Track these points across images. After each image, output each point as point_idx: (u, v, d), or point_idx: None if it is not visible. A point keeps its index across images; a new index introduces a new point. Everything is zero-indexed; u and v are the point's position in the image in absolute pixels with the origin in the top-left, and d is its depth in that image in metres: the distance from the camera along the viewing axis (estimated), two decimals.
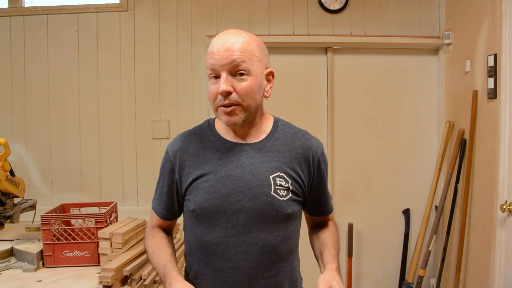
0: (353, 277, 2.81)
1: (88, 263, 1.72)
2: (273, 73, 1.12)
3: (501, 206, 2.03)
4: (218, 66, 1.01)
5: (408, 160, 2.84)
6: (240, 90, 1.02)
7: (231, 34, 1.04)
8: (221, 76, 1.01)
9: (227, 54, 1.00)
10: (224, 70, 1.01)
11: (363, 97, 2.81)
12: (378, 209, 2.84)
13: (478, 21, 2.30)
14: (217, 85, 1.02)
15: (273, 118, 1.18)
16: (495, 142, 2.16)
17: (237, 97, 1.02)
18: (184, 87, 2.70)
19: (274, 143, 1.12)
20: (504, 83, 2.09)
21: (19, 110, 2.71)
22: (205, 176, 1.08)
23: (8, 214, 1.94)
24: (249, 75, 1.02)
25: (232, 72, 1.01)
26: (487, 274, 2.21)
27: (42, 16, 2.68)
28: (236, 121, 1.04)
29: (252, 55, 1.03)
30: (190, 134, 1.17)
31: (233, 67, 1.01)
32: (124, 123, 2.71)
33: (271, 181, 1.07)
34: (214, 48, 1.02)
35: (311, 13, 2.72)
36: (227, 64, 1.00)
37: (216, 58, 1.01)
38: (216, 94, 1.03)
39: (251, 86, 1.03)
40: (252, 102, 1.05)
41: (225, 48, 1.01)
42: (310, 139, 1.15)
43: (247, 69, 1.02)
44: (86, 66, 2.70)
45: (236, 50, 1.01)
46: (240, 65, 1.01)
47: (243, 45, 1.02)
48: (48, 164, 2.72)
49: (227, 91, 1.00)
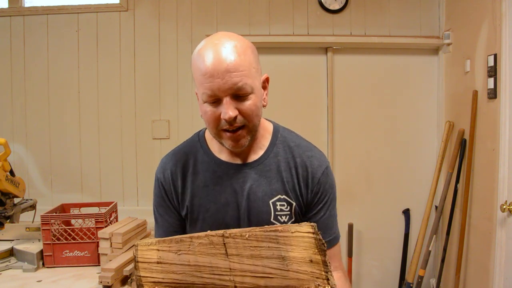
0: (353, 277, 2.81)
1: (88, 263, 1.72)
2: (269, 78, 1.02)
3: (501, 206, 2.02)
4: (218, 91, 0.88)
5: (408, 160, 2.84)
6: (245, 111, 0.91)
7: (223, 47, 0.89)
8: (223, 101, 0.89)
9: (227, 77, 0.87)
10: (226, 96, 0.89)
11: (363, 97, 2.81)
12: (378, 209, 2.84)
13: (478, 21, 2.30)
14: (218, 109, 0.90)
15: (272, 127, 1.08)
16: (495, 142, 2.16)
17: (243, 119, 0.91)
18: (184, 87, 2.70)
19: (273, 160, 1.02)
20: (504, 83, 2.09)
21: (19, 110, 2.71)
22: (204, 206, 1.01)
23: (8, 214, 1.94)
24: (252, 93, 0.91)
25: (234, 94, 0.89)
26: (487, 274, 2.21)
27: (42, 16, 2.68)
28: (243, 145, 0.95)
29: (251, 67, 0.91)
30: (180, 155, 1.06)
31: (235, 90, 0.89)
32: (124, 123, 2.71)
33: (271, 207, 0.99)
34: (210, 68, 0.87)
35: (311, 13, 2.72)
36: (229, 89, 0.88)
37: (215, 81, 0.87)
38: (219, 119, 0.91)
39: (255, 104, 0.92)
40: (257, 120, 0.96)
41: (223, 69, 0.87)
42: (310, 157, 1.03)
43: (249, 88, 0.90)
44: (86, 66, 2.70)
45: (237, 70, 0.87)
46: (243, 88, 0.89)
47: (241, 60, 0.89)
48: (48, 164, 2.72)
49: (234, 116, 0.89)
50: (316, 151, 1.05)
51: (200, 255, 0.67)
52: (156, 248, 0.69)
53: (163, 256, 0.68)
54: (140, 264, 0.68)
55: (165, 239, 0.69)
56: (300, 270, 0.65)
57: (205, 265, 0.67)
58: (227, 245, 0.67)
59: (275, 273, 0.65)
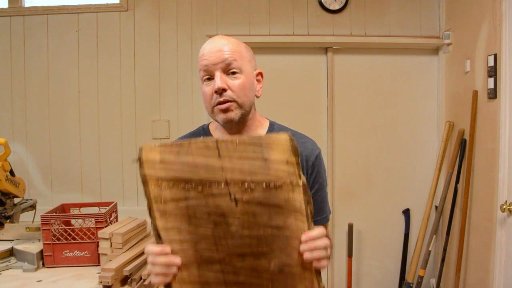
0: (353, 277, 2.81)
1: (88, 263, 1.72)
2: (262, 73, 1.15)
3: (501, 206, 2.03)
4: (211, 66, 1.03)
5: (408, 160, 2.84)
6: (234, 87, 1.04)
7: (220, 38, 1.08)
8: (215, 75, 1.03)
9: (219, 54, 1.03)
10: (217, 70, 1.03)
11: (363, 97, 2.81)
12: (378, 209, 2.84)
13: (478, 21, 2.30)
14: (211, 86, 1.04)
15: (268, 122, 1.18)
16: (495, 142, 2.16)
17: (232, 93, 1.03)
18: (184, 87, 2.70)
19: None
20: (504, 83, 2.09)
21: (19, 110, 2.71)
22: None
23: (8, 214, 1.94)
24: (241, 73, 1.05)
25: (225, 71, 1.04)
26: (487, 274, 2.21)
27: (42, 16, 2.68)
28: (232, 117, 1.04)
29: (242, 55, 1.07)
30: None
31: (225, 65, 1.03)
32: (124, 123, 2.71)
33: None
34: (206, 51, 1.05)
35: (311, 13, 2.72)
36: (220, 63, 1.03)
37: (209, 59, 1.03)
38: (211, 94, 1.04)
39: (244, 84, 1.05)
40: (247, 99, 1.06)
41: (217, 49, 1.04)
42: (305, 142, 1.13)
43: (239, 67, 1.05)
44: (86, 66, 2.70)
45: (227, 50, 1.04)
46: (232, 63, 1.04)
47: (233, 46, 1.06)
48: (48, 164, 2.72)
49: (222, 87, 1.02)
50: (309, 139, 1.16)
51: (197, 156, 0.79)
52: (159, 150, 0.80)
53: (165, 157, 0.79)
54: (145, 163, 0.80)
55: (166, 144, 0.81)
56: (278, 169, 0.79)
57: (201, 164, 0.78)
58: (220, 148, 0.79)
59: (259, 170, 0.78)
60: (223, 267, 0.77)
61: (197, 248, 0.77)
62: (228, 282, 0.77)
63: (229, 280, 0.77)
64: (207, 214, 0.77)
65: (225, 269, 0.77)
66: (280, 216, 0.78)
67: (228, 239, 0.77)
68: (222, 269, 0.77)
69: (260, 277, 0.78)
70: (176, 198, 0.77)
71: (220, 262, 0.77)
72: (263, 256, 0.78)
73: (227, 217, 0.77)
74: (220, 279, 0.77)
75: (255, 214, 0.78)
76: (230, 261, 0.77)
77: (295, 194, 0.79)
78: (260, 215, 0.78)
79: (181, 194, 0.77)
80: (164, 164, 0.79)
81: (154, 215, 0.76)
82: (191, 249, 0.77)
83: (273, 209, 0.78)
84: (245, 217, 0.77)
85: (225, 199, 0.78)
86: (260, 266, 0.78)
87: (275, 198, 0.78)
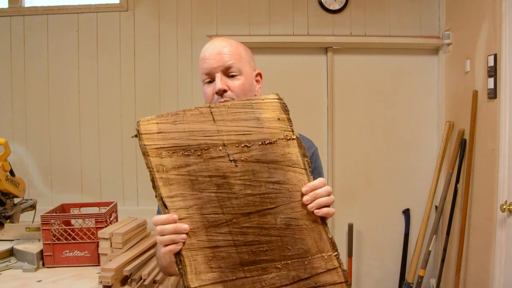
0: (353, 277, 2.81)
1: (88, 263, 1.72)
2: (261, 74, 1.20)
3: (501, 206, 2.03)
4: (212, 68, 1.07)
5: (408, 160, 2.84)
6: (234, 88, 1.08)
7: (219, 40, 1.12)
8: (216, 77, 1.07)
9: (219, 57, 1.07)
10: (218, 72, 1.07)
11: (363, 97, 2.81)
12: (378, 209, 2.84)
13: (478, 21, 2.30)
14: (212, 87, 1.08)
15: None
16: (495, 142, 2.16)
17: (232, 94, 1.07)
18: (184, 87, 2.70)
19: None
20: (504, 83, 2.09)
21: (19, 110, 2.71)
22: None
23: (8, 214, 1.94)
24: (241, 75, 1.09)
25: (226, 73, 1.08)
26: (487, 274, 2.21)
27: (42, 16, 2.68)
28: None
29: (241, 57, 1.11)
30: None
31: (226, 68, 1.07)
32: (124, 123, 2.71)
33: None
34: (206, 54, 1.09)
35: (311, 13, 2.72)
36: (221, 65, 1.07)
37: (209, 61, 1.08)
38: (212, 95, 1.08)
39: (244, 84, 1.09)
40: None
41: (217, 52, 1.08)
42: (303, 140, 1.17)
43: (238, 69, 1.09)
44: (86, 66, 2.70)
45: (227, 53, 1.08)
46: (232, 66, 1.08)
47: (232, 48, 1.10)
48: (48, 164, 2.72)
49: (223, 89, 1.06)
50: (306, 137, 1.22)
51: (192, 123, 0.83)
52: (156, 121, 0.83)
53: (162, 127, 0.82)
54: (144, 135, 0.83)
55: (162, 114, 0.84)
56: (271, 126, 0.83)
57: (197, 130, 0.82)
58: (214, 113, 0.83)
59: (253, 130, 0.82)
60: (230, 229, 0.79)
61: (203, 212, 0.78)
62: (238, 243, 0.78)
63: (239, 242, 0.78)
64: (209, 177, 0.79)
65: (233, 230, 0.79)
66: (279, 171, 0.81)
67: (232, 199, 0.79)
68: (230, 231, 0.78)
69: (268, 235, 0.79)
70: (177, 165, 0.79)
71: (228, 224, 0.78)
72: (268, 213, 0.80)
73: (228, 178, 0.80)
74: (229, 241, 0.78)
75: (255, 172, 0.80)
76: (237, 222, 0.79)
77: (290, 148, 0.83)
78: (260, 173, 0.80)
79: (182, 161, 0.80)
80: (162, 134, 0.82)
81: (158, 185, 0.79)
82: (198, 214, 0.78)
83: (271, 165, 0.81)
84: (245, 176, 0.80)
85: (224, 161, 0.80)
86: (266, 223, 0.80)
87: (272, 154, 0.81)
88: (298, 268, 0.79)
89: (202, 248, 0.77)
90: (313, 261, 0.80)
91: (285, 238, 0.80)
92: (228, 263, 0.77)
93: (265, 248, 0.79)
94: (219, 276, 0.76)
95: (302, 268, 0.79)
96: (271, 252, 0.79)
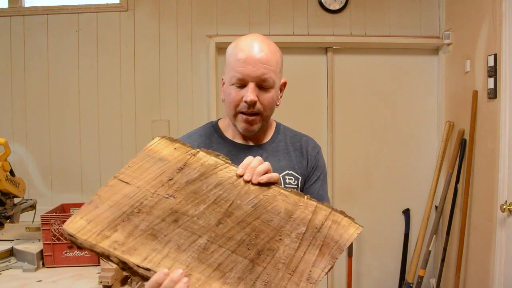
0: (353, 277, 2.81)
1: (88, 263, 1.72)
2: (286, 83, 1.16)
3: (501, 206, 2.03)
4: (247, 76, 1.02)
5: (408, 160, 2.84)
6: (264, 101, 1.05)
7: (259, 41, 1.05)
8: (249, 85, 1.03)
9: (258, 66, 1.02)
10: (253, 81, 1.03)
11: (363, 97, 2.81)
12: (378, 209, 2.84)
13: (478, 21, 2.30)
14: (241, 92, 1.04)
15: (275, 123, 1.22)
16: (495, 142, 2.16)
17: (261, 107, 1.05)
18: (184, 87, 2.70)
19: (278, 144, 1.17)
20: (504, 83, 2.09)
21: (19, 110, 2.71)
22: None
23: (8, 214, 1.93)
24: (272, 88, 1.06)
25: (259, 83, 1.04)
26: (487, 274, 2.21)
27: (42, 16, 2.68)
28: (254, 130, 1.08)
29: (277, 67, 1.07)
30: (196, 137, 1.17)
31: (260, 80, 1.03)
32: (124, 123, 2.71)
33: (281, 180, 1.09)
34: (244, 56, 1.03)
35: (311, 13, 2.72)
36: (257, 77, 1.02)
37: (248, 68, 1.02)
38: (240, 101, 1.05)
39: (273, 98, 1.07)
40: (271, 112, 1.10)
41: (257, 59, 1.02)
42: (307, 141, 1.20)
43: (272, 82, 1.05)
44: (86, 66, 2.70)
45: (267, 63, 1.03)
46: (268, 80, 1.04)
47: (272, 57, 1.04)
48: (48, 164, 2.72)
49: (254, 100, 1.03)
50: (310, 138, 1.23)
51: (111, 197, 0.81)
52: (79, 217, 0.76)
53: (88, 217, 0.77)
54: (78, 234, 0.74)
55: (79, 209, 0.79)
56: (175, 156, 0.89)
57: (120, 198, 0.81)
58: (123, 179, 0.85)
59: (164, 168, 0.87)
60: (217, 243, 0.77)
61: (183, 248, 0.75)
62: (233, 248, 0.77)
63: (232, 246, 0.77)
64: (163, 221, 0.78)
65: (220, 242, 0.77)
66: (211, 177, 0.85)
67: (197, 221, 0.79)
68: (219, 244, 0.77)
69: (248, 223, 0.80)
70: (128, 233, 0.75)
71: (211, 241, 0.77)
72: (232, 210, 0.81)
73: (178, 210, 0.80)
74: (225, 252, 0.77)
75: (195, 191, 0.82)
76: (216, 234, 0.78)
77: (202, 159, 0.88)
78: (199, 189, 0.83)
79: (129, 227, 0.76)
80: (93, 221, 0.77)
81: (125, 259, 0.72)
82: (180, 253, 0.75)
83: (202, 178, 0.85)
84: (190, 199, 0.81)
85: (163, 202, 0.80)
86: (239, 217, 0.80)
87: (193, 172, 0.85)
88: (293, 228, 0.80)
89: (210, 275, 0.73)
90: (298, 215, 0.81)
91: (262, 216, 0.81)
92: (240, 269, 0.75)
93: (256, 234, 0.78)
94: (244, 286, 0.72)
95: (295, 225, 0.80)
96: (263, 234, 0.79)
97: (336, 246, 0.77)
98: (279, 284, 0.72)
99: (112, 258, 0.72)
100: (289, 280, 0.72)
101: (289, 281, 0.72)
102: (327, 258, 0.75)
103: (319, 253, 0.76)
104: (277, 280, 0.72)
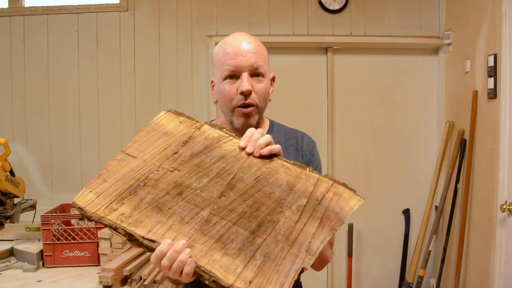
0: (353, 277, 2.81)
1: (88, 263, 1.72)
2: (275, 77, 1.17)
3: (501, 206, 2.03)
4: (239, 67, 1.02)
5: (408, 160, 2.84)
6: (258, 90, 1.04)
7: (245, 36, 1.07)
8: (242, 76, 1.03)
9: (249, 55, 1.03)
10: (245, 71, 1.03)
11: (363, 97, 2.81)
12: (378, 209, 2.84)
13: (478, 21, 2.30)
14: (235, 85, 1.03)
15: (268, 121, 1.21)
16: (495, 142, 2.16)
17: (256, 97, 1.04)
18: (184, 87, 2.70)
19: (274, 140, 1.15)
20: (504, 83, 2.09)
21: (19, 110, 2.71)
22: None
23: (8, 214, 1.93)
24: (264, 77, 1.06)
25: (252, 73, 1.04)
26: (487, 274, 2.21)
27: (42, 16, 2.68)
28: (252, 123, 1.06)
29: (266, 58, 1.09)
30: None
31: (253, 68, 1.03)
32: (124, 123, 2.71)
33: None
34: (233, 49, 1.04)
35: (311, 13, 2.72)
36: (249, 65, 1.03)
37: (238, 58, 1.02)
38: (235, 94, 1.03)
39: (266, 88, 1.07)
40: (264, 104, 1.09)
41: (246, 49, 1.04)
42: (301, 136, 1.19)
43: (264, 71, 1.06)
44: (86, 66, 2.70)
45: (256, 52, 1.04)
46: (259, 67, 1.04)
47: (260, 49, 1.07)
48: (48, 164, 2.72)
49: (250, 90, 1.02)
50: (305, 133, 1.22)
51: (119, 171, 0.88)
52: (88, 191, 0.84)
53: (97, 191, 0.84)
54: (87, 207, 0.79)
55: (89, 183, 0.86)
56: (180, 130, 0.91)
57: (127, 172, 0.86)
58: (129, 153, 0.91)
59: (169, 142, 0.89)
60: (219, 215, 0.78)
61: (187, 220, 0.77)
62: (234, 220, 0.78)
63: (234, 218, 0.78)
64: (167, 194, 0.80)
65: (222, 214, 0.78)
66: (215, 150, 0.86)
67: (200, 194, 0.80)
68: (221, 216, 0.78)
69: (250, 196, 0.80)
70: (134, 206, 0.79)
71: (213, 213, 0.78)
72: (235, 182, 0.82)
73: (182, 183, 0.81)
74: (227, 224, 0.77)
75: (198, 164, 0.83)
76: (219, 206, 0.79)
77: (206, 132, 0.89)
78: (202, 162, 0.84)
79: (135, 200, 0.79)
80: (102, 195, 0.81)
81: (131, 230, 0.75)
82: (183, 225, 0.77)
83: (205, 151, 0.86)
84: (193, 171, 0.82)
85: (168, 175, 0.82)
86: (241, 190, 0.81)
87: (198, 145, 0.87)
88: (294, 200, 0.79)
89: (211, 247, 0.75)
90: (299, 187, 0.81)
91: (264, 189, 0.81)
92: (241, 240, 0.75)
93: (257, 207, 0.79)
94: (244, 257, 0.73)
95: (296, 198, 0.80)
96: (264, 206, 0.79)
97: (336, 218, 0.77)
98: (278, 255, 0.72)
99: (119, 230, 0.76)
100: (288, 252, 0.73)
101: (288, 252, 0.72)
102: (327, 230, 0.75)
103: (319, 225, 0.76)
104: (276, 251, 0.73)
